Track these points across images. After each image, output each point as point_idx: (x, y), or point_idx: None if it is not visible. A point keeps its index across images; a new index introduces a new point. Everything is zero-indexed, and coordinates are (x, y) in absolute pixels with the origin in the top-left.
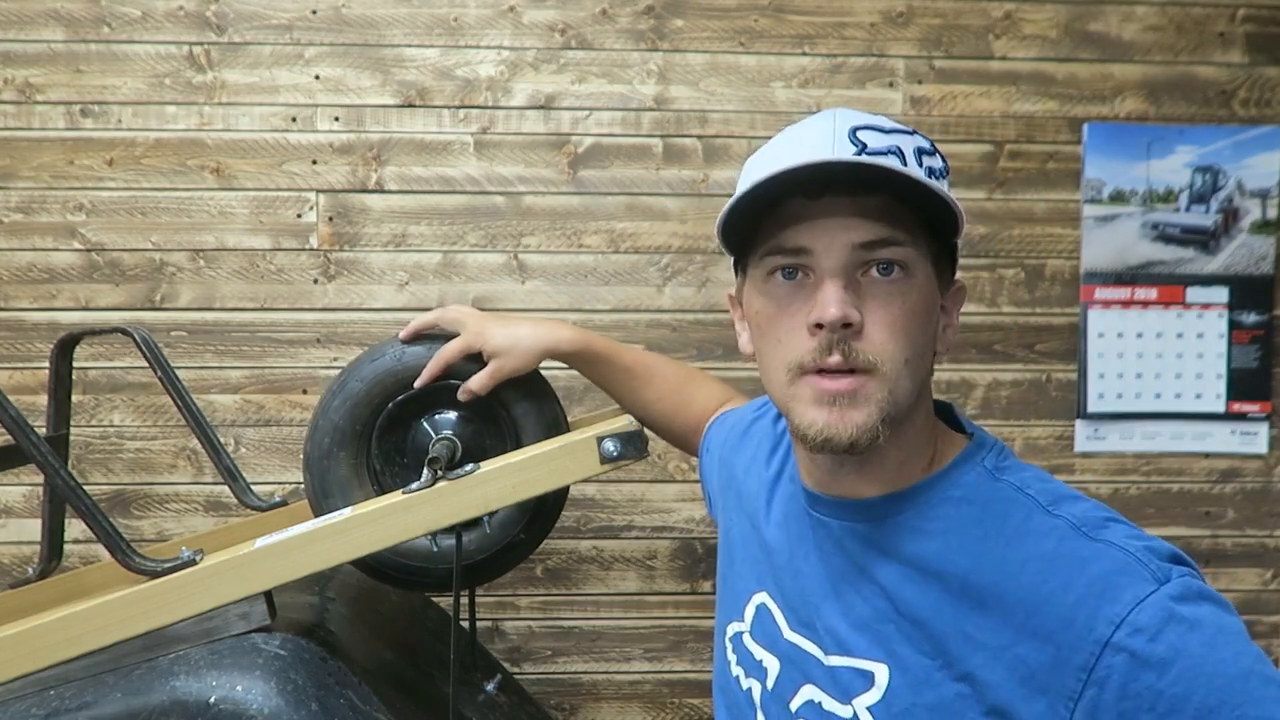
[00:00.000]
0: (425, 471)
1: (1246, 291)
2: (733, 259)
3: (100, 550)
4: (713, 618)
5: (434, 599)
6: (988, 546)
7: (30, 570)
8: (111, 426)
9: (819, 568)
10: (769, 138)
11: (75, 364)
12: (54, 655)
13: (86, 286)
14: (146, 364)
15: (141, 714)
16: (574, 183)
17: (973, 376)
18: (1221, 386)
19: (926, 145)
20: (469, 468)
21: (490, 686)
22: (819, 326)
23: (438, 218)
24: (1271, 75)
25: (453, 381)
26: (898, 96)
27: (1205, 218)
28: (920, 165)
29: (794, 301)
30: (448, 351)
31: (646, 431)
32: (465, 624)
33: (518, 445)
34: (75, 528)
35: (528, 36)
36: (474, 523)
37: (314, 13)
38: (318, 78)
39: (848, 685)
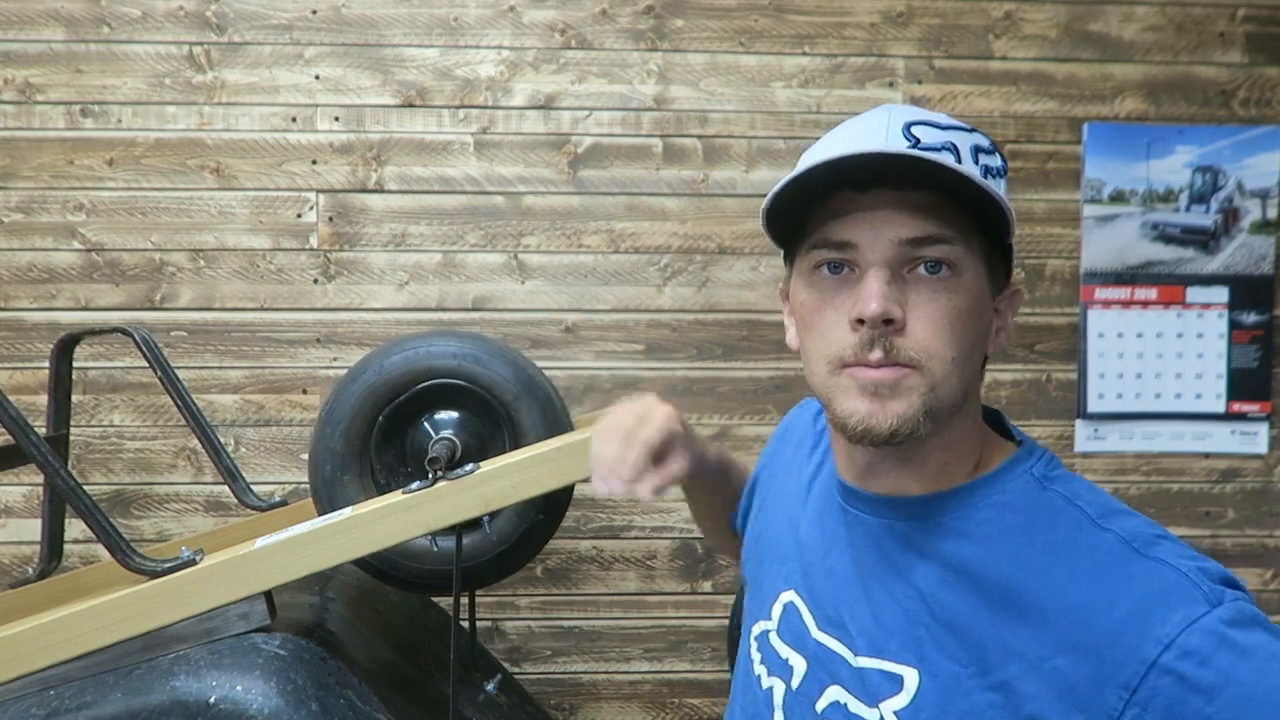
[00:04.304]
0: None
1: (1246, 291)
2: (783, 252)
3: (100, 550)
4: (712, 618)
5: (434, 599)
6: (1032, 555)
7: (30, 570)
8: (111, 426)
9: (851, 565)
10: (769, 138)
11: (75, 364)
12: (54, 655)
13: (86, 286)
14: (146, 364)
15: (141, 714)
16: (574, 183)
17: None
18: (1221, 386)
19: (985, 143)
20: (469, 467)
21: (490, 686)
22: (860, 321)
23: (438, 218)
24: (1271, 75)
25: (452, 381)
26: (897, 96)
27: (1205, 218)
28: (976, 163)
29: (838, 295)
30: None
31: None
32: (465, 624)
33: (517, 445)
34: (75, 528)
35: (528, 36)
36: (474, 523)
37: (314, 13)
38: (318, 78)
39: (875, 688)
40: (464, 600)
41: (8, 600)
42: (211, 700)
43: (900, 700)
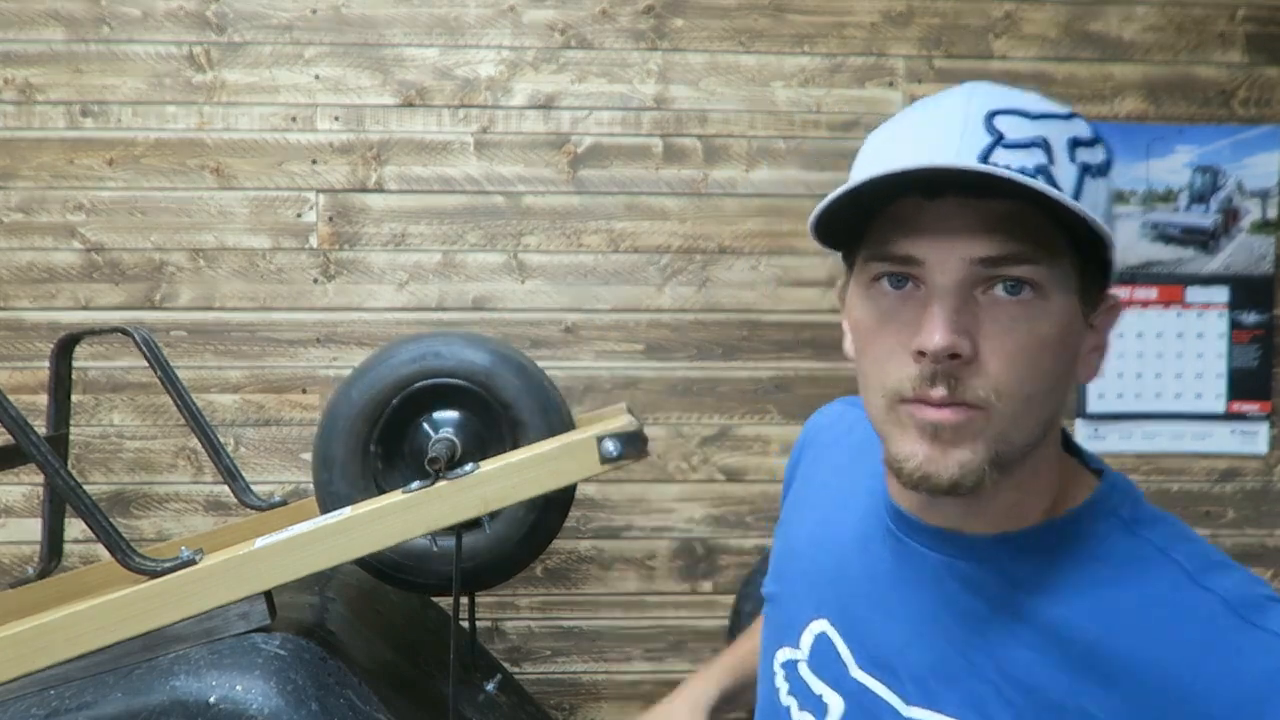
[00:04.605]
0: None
1: (1246, 291)
2: (841, 253)
3: (100, 550)
4: (712, 618)
5: (434, 599)
6: (1122, 615)
7: (30, 570)
8: (111, 426)
9: (904, 603)
10: (769, 137)
11: (75, 364)
12: (54, 655)
13: (86, 286)
14: (146, 364)
15: (141, 714)
16: (574, 182)
17: None
18: (1221, 386)
19: (1085, 133)
20: (469, 467)
21: (490, 686)
22: (922, 353)
23: (438, 217)
24: (1271, 75)
25: (451, 381)
26: (898, 96)
27: (1205, 217)
28: (1072, 160)
29: (899, 316)
30: None
31: (646, 430)
32: (465, 624)
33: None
34: (75, 528)
35: (528, 36)
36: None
37: (314, 12)
38: (318, 77)
39: None
40: (464, 600)
41: (8, 600)
42: (211, 700)
43: None
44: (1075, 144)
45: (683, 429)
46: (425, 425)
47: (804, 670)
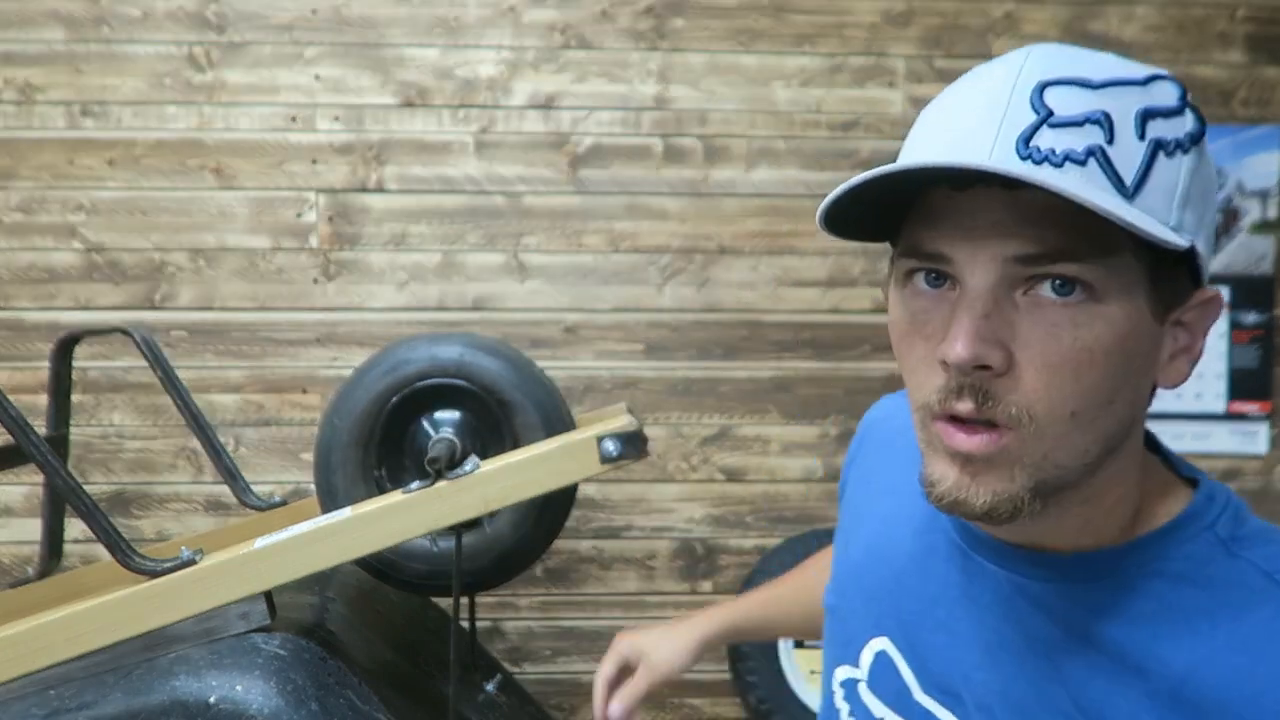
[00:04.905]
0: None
1: (1246, 291)
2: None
3: (100, 550)
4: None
5: (434, 599)
6: (1217, 647)
7: (30, 570)
8: (111, 426)
9: (970, 624)
10: (769, 137)
11: (75, 364)
12: (54, 655)
13: (86, 286)
14: (146, 364)
15: (141, 714)
16: (574, 183)
17: None
18: (1221, 386)
19: (1166, 103)
20: (469, 468)
21: (490, 686)
22: (948, 365)
23: (438, 218)
24: (1271, 75)
25: (451, 381)
26: (898, 96)
27: None
28: (1141, 137)
29: (931, 319)
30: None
31: (646, 430)
32: (465, 624)
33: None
34: (75, 528)
35: (528, 36)
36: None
37: (314, 12)
38: (318, 78)
39: None
40: (464, 600)
41: (8, 600)
42: (211, 700)
43: None
44: (1148, 116)
45: (683, 429)
46: (425, 425)
47: (864, 691)
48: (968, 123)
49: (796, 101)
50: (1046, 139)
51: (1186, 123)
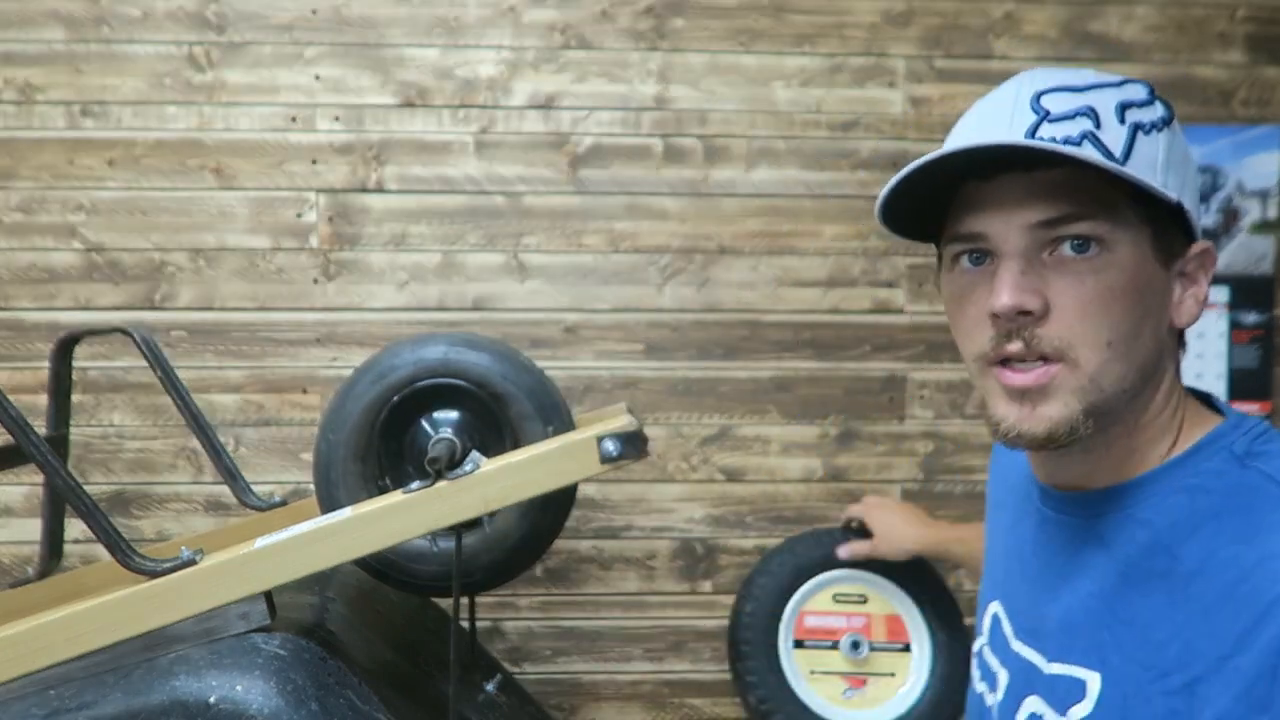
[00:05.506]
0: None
1: (1246, 291)
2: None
3: (100, 550)
4: (712, 618)
5: (434, 599)
6: (1221, 543)
7: (30, 570)
8: (111, 426)
9: (1043, 569)
10: (769, 138)
11: (75, 364)
12: (54, 655)
13: (86, 286)
14: (146, 364)
15: (141, 714)
16: (574, 183)
17: None
18: (1221, 386)
19: (1137, 96)
20: (469, 467)
21: (490, 686)
22: (997, 316)
23: (438, 218)
24: (1271, 75)
25: (440, 380)
26: (898, 96)
27: (1205, 217)
28: (1122, 122)
29: (977, 288)
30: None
31: (646, 430)
32: (465, 624)
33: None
34: (75, 528)
35: (528, 36)
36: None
37: (314, 13)
38: (318, 78)
39: (1064, 695)
40: (464, 600)
41: (8, 600)
42: (211, 700)
43: (1084, 708)
44: (1125, 107)
45: (683, 429)
46: (425, 426)
47: (986, 653)
48: (984, 126)
49: (796, 101)
50: (1047, 131)
51: (1157, 110)
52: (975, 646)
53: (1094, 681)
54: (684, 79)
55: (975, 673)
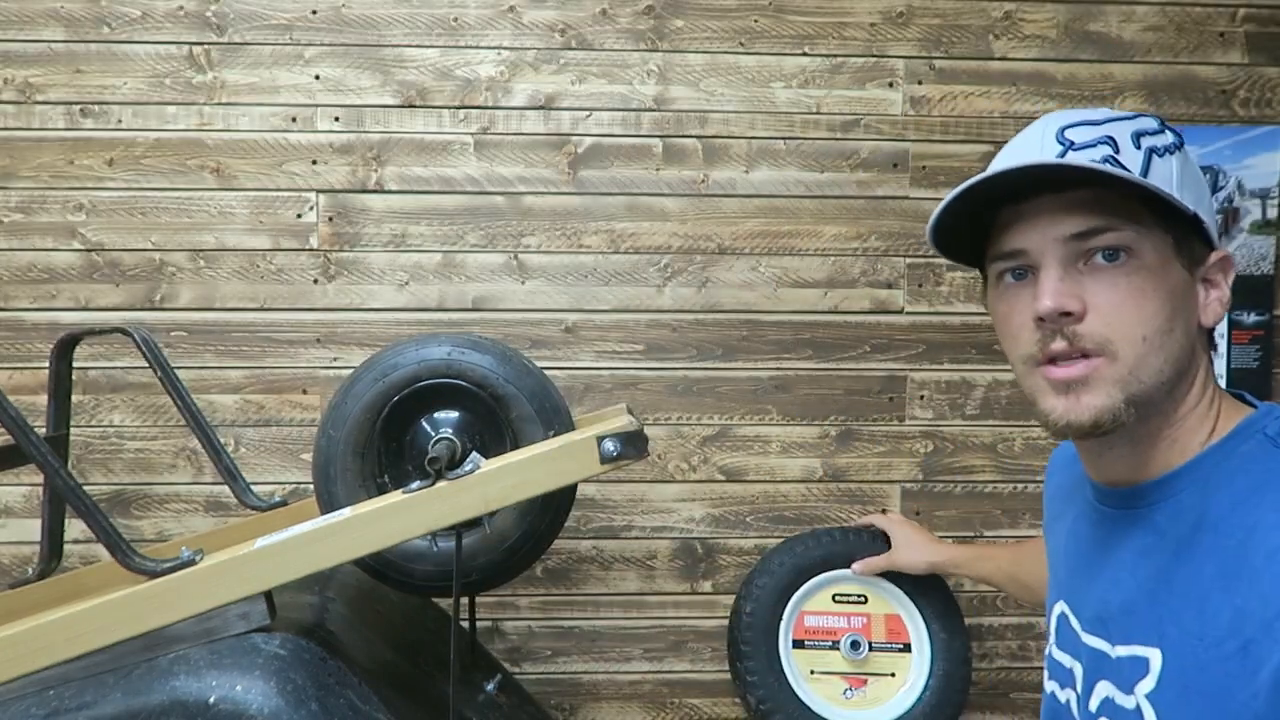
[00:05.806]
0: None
1: (1246, 291)
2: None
3: (100, 550)
4: (712, 618)
5: (434, 599)
6: (1262, 514)
7: (30, 570)
8: (111, 426)
9: (1103, 563)
10: (769, 138)
11: (75, 364)
12: (54, 655)
13: (86, 286)
14: (146, 364)
15: (141, 714)
16: (574, 183)
17: (973, 376)
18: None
19: (1150, 125)
20: (469, 467)
21: (490, 686)
22: (1041, 319)
23: (438, 218)
24: (1271, 75)
25: (453, 381)
26: (898, 96)
27: None
28: (1138, 148)
29: (1021, 299)
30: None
31: (646, 430)
32: (465, 624)
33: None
34: (75, 528)
35: (528, 36)
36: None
37: (314, 13)
38: (318, 78)
39: (1130, 674)
40: (464, 600)
41: (8, 600)
42: (211, 700)
43: (1148, 683)
44: (1139, 135)
45: (683, 429)
46: (426, 426)
47: (1055, 653)
48: (1016, 159)
49: (796, 102)
50: (1073, 158)
51: (1168, 136)
52: (1046, 650)
53: (1155, 658)
54: (684, 79)
55: (1046, 673)
